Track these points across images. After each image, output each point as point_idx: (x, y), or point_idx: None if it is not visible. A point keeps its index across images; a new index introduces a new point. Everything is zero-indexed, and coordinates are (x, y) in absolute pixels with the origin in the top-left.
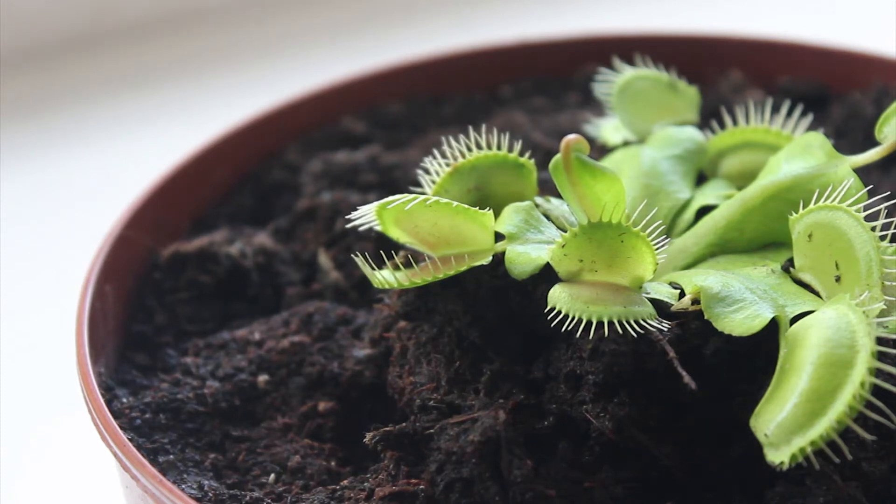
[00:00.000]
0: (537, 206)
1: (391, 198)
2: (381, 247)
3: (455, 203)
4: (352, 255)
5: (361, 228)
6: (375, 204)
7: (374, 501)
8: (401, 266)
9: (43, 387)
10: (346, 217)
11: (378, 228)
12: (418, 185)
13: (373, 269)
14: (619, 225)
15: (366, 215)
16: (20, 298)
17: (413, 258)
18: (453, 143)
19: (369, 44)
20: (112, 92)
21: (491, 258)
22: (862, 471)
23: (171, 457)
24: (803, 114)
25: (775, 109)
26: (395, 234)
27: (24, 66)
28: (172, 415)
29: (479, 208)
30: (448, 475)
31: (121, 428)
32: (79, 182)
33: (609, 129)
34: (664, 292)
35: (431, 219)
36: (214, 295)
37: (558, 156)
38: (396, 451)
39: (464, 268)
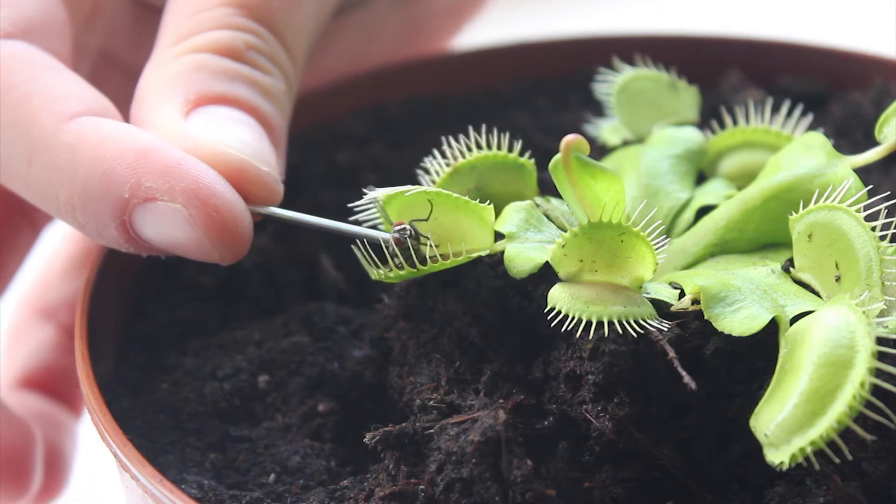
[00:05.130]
0: (537, 206)
1: (396, 188)
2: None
3: (456, 195)
4: (352, 247)
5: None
6: (381, 192)
7: (374, 501)
8: (403, 263)
9: None
10: (348, 218)
11: (379, 223)
12: (419, 185)
13: (371, 264)
14: (619, 225)
15: (369, 204)
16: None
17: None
18: (453, 143)
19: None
20: None
21: (489, 253)
22: (862, 471)
23: (171, 457)
24: (803, 114)
25: (775, 109)
26: None
27: None
28: (172, 415)
29: None
30: (448, 475)
31: (121, 428)
32: None
33: (609, 129)
34: (664, 292)
35: (433, 213)
36: (214, 295)
37: (558, 156)
38: (396, 451)
39: (461, 260)
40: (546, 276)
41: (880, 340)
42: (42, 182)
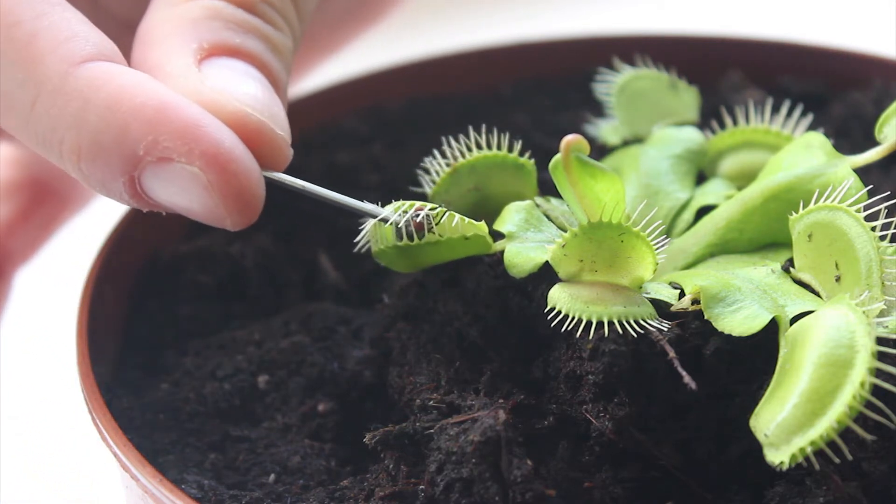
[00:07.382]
0: (537, 206)
1: (400, 204)
2: None
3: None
4: (358, 228)
5: (361, 226)
6: (386, 212)
7: (374, 501)
8: (404, 236)
9: (43, 387)
10: (349, 218)
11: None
12: (419, 185)
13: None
14: (619, 225)
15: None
16: (20, 298)
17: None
18: (453, 143)
19: (369, 44)
20: None
21: (492, 241)
22: (862, 471)
23: (171, 457)
24: (803, 114)
25: (775, 109)
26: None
27: None
28: (172, 415)
29: (479, 208)
30: (448, 475)
31: (121, 428)
32: None
33: (609, 129)
34: (664, 292)
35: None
36: (214, 295)
37: (558, 156)
38: (396, 451)
39: (459, 246)
40: (546, 276)
41: (880, 340)
42: (45, 127)
